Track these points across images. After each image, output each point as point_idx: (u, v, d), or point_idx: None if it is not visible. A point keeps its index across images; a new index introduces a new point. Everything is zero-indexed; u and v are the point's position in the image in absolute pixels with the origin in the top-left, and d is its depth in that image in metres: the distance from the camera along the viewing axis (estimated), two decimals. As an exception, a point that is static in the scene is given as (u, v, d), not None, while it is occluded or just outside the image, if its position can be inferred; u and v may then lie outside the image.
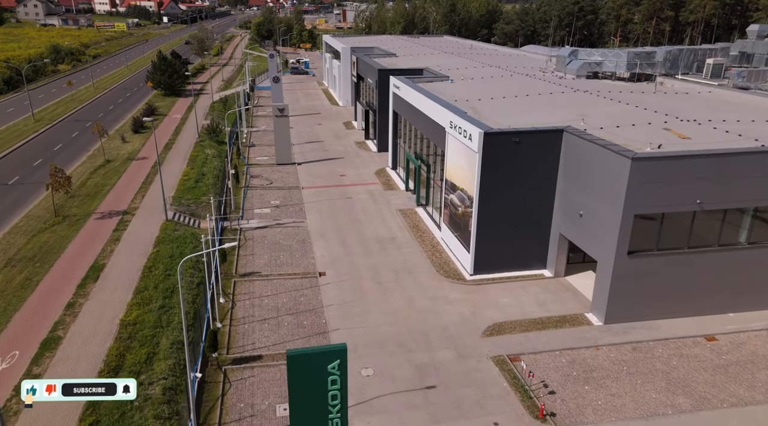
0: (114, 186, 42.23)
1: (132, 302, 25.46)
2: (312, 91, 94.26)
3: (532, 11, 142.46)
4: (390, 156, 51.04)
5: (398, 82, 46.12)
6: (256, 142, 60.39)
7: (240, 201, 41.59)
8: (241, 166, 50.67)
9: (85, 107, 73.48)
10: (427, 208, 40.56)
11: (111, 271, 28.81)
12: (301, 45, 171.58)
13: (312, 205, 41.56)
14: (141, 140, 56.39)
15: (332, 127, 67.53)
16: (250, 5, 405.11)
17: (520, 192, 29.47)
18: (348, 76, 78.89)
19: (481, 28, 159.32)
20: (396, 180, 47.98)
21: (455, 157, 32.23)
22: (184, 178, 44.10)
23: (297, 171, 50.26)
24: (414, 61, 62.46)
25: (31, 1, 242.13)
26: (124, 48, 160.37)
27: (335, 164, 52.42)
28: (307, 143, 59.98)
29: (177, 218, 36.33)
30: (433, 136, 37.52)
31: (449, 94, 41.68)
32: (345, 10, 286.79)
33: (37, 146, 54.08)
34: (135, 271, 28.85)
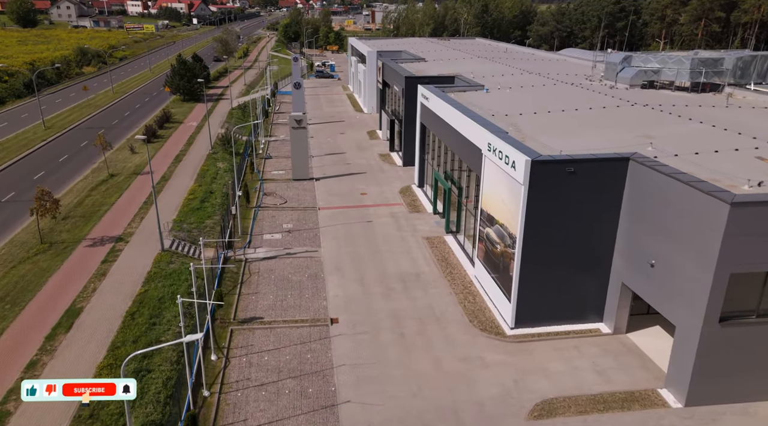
0: (113, 206, 38.52)
1: (103, 364, 21.28)
2: (336, 96, 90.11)
3: (568, 12, 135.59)
4: (416, 172, 46.22)
5: (427, 92, 41.29)
6: (274, 153, 56.31)
7: (249, 224, 37.38)
8: (254, 182, 46.54)
9: (101, 113, 70.75)
10: (457, 237, 35.62)
11: (88, 317, 24.78)
12: (327, 47, 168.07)
13: (328, 230, 37.06)
14: (151, 151, 52.85)
15: (355, 137, 63.07)
16: (280, 6, 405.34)
17: (573, 231, 24.34)
18: (373, 81, 74.38)
19: (513, 30, 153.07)
20: (422, 200, 43.13)
21: (494, 185, 27.25)
22: (190, 197, 40.13)
23: (314, 188, 45.89)
24: (444, 67, 57.50)
25: (64, 3, 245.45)
26: (150, 50, 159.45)
27: (356, 180, 47.87)
28: (328, 155, 55.61)
29: (175, 247, 32.25)
30: (466, 156, 32.57)
31: (485, 106, 36.67)
32: (374, 11, 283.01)
33: (42, 157, 51.07)
34: (116, 317, 24.75)
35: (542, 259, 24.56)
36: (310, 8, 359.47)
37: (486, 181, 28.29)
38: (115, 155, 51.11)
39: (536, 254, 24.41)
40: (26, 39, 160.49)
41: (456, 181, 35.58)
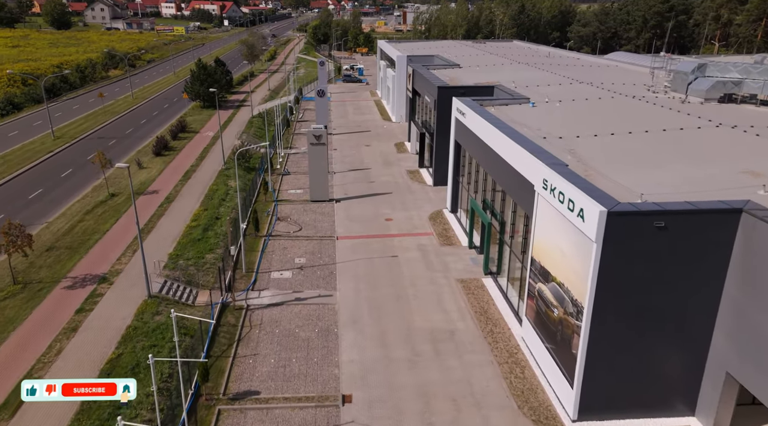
0: (105, 234, 34.23)
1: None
2: (363, 102, 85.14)
3: (612, 12, 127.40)
4: (449, 195, 40.71)
5: (463, 107, 35.77)
6: (293, 167, 51.55)
7: (256, 258, 32.52)
8: (268, 203, 41.77)
9: (116, 121, 67.42)
10: (499, 280, 30.00)
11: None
12: (356, 49, 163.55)
13: (346, 267, 31.92)
14: (160, 165, 48.79)
15: (382, 150, 57.88)
16: (311, 7, 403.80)
17: (660, 301, 18.55)
18: (403, 88, 69.04)
19: (552, 31, 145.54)
20: (456, 229, 37.60)
21: (550, 232, 21.63)
22: (192, 224, 35.56)
23: (334, 211, 40.86)
24: (481, 75, 51.78)
25: (98, 5, 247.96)
26: (178, 52, 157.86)
27: (381, 202, 42.66)
28: (351, 171, 50.55)
29: (166, 290, 27.58)
30: (512, 188, 26.96)
31: (532, 124, 30.98)
32: (405, 11, 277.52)
33: (44, 171, 47.48)
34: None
35: (618, 337, 18.84)
36: (342, 9, 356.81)
37: (539, 225, 22.66)
38: (120, 170, 47.10)
39: (610, 330, 18.71)
40: (57, 41, 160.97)
41: (497, 214, 29.97)
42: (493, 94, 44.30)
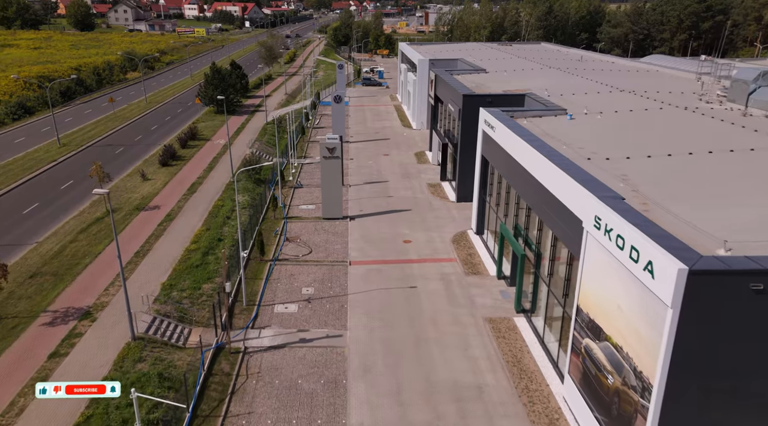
0: (97, 257, 31.25)
1: None
2: (383, 107, 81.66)
3: (645, 12, 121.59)
4: (474, 214, 36.93)
5: (492, 119, 31.98)
6: (307, 179, 48.27)
7: (259, 288, 29.21)
8: (277, 221, 38.50)
9: (126, 127, 65.04)
10: (533, 321, 26.17)
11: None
12: (377, 51, 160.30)
13: (359, 300, 28.40)
14: (165, 177, 45.92)
15: (401, 160, 54.29)
16: (333, 8, 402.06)
17: (756, 386, 14.62)
18: (424, 94, 65.40)
19: (580, 32, 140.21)
20: (482, 255, 33.80)
21: (604, 281, 17.79)
22: (191, 248, 32.40)
23: (347, 230, 37.41)
24: (510, 81, 47.85)
25: (122, 7, 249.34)
26: (198, 54, 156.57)
27: (399, 220, 39.08)
28: (367, 184, 47.07)
29: (154, 329, 24.38)
30: (552, 219, 23.12)
31: (572, 140, 27.10)
32: (428, 12, 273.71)
33: (43, 183, 44.97)
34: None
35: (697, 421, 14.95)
36: (363, 10, 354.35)
37: (589, 270, 18.83)
38: (123, 182, 44.36)
39: (688, 417, 14.82)
40: (79, 43, 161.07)
41: (532, 245, 26.13)
42: (524, 104, 40.45)
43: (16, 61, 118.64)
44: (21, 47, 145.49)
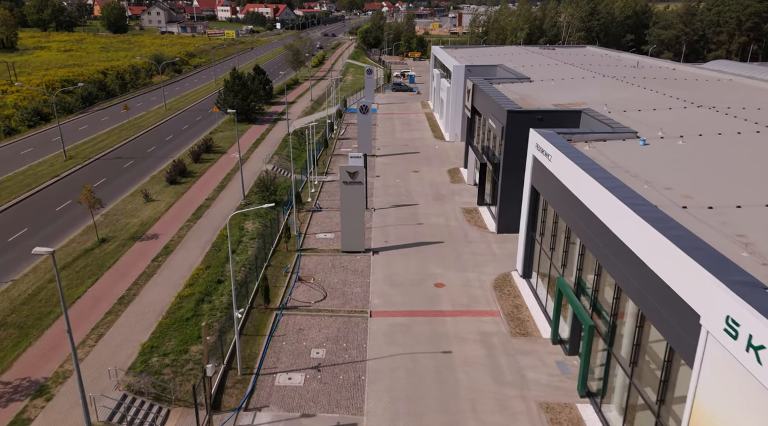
0: (74, 303, 26.74)
1: None
2: (413, 115, 76.16)
3: (699, 12, 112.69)
4: (520, 254, 31.14)
5: (546, 144, 26.21)
6: (327, 201, 43.24)
7: (259, 348, 24.16)
8: (289, 255, 33.47)
9: (140, 137, 61.30)
10: (604, 411, 20.31)
11: None
12: (408, 54, 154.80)
13: (379, 370, 23.04)
14: (171, 197, 41.50)
15: (432, 178, 48.74)
16: (365, 9, 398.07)
17: None
18: (459, 104, 59.68)
19: (625, 33, 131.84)
20: (531, 307, 28.01)
21: (737, 404, 11.96)
22: (184, 293, 27.61)
23: (369, 268, 32.12)
24: (559, 92, 41.81)
25: (155, 9, 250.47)
26: (226, 57, 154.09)
27: (430, 255, 33.59)
28: (394, 208, 41.72)
29: (121, 415, 19.47)
30: (641, 296, 17.24)
31: (653, 177, 21.21)
32: (461, 13, 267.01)
33: (38, 203, 41.05)
34: None
35: None
36: (395, 11, 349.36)
37: (708, 384, 13.01)
38: (124, 204, 40.10)
39: None
40: (110, 45, 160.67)
41: (606, 317, 20.28)
42: (579, 123, 34.49)
43: (44, 64, 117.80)
44: (52, 49, 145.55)
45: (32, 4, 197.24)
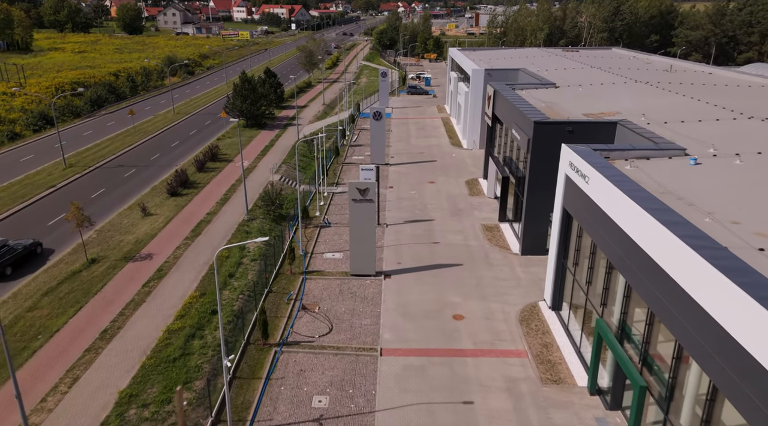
0: (51, 338, 24.13)
1: None
2: (429, 120, 73.03)
3: (729, 12, 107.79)
4: (549, 283, 27.87)
5: (582, 164, 22.98)
6: (335, 216, 40.36)
7: (254, 394, 21.28)
8: (293, 278, 30.59)
9: (144, 143, 59.02)
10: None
11: None
12: (424, 55, 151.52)
13: (390, 424, 20.02)
14: (170, 211, 38.93)
15: (450, 190, 45.61)
16: (381, 10, 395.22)
17: None
18: (478, 109, 56.46)
19: (649, 34, 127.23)
20: (562, 345, 24.76)
21: None
22: (174, 326, 24.83)
23: (381, 294, 29.14)
24: (588, 100, 38.45)
25: (170, 10, 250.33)
26: (239, 58, 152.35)
27: (448, 281, 30.51)
28: (408, 224, 38.71)
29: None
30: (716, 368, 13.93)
31: (713, 207, 17.88)
32: (478, 13, 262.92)
33: (28, 217, 38.57)
34: None
35: None
36: (411, 11, 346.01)
37: None
38: (120, 219, 37.61)
39: None
40: (124, 46, 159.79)
41: (662, 377, 17.03)
42: (614, 134, 31.14)
43: (57, 66, 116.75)
44: (66, 51, 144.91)
45: (49, 5, 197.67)
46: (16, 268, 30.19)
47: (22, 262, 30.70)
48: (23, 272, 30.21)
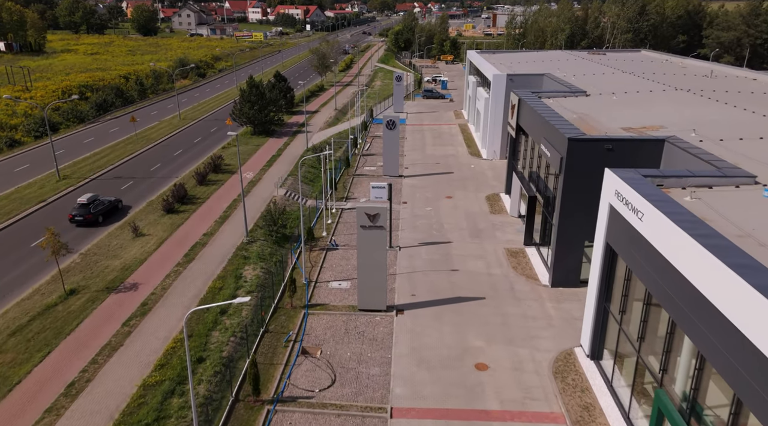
0: (13, 392, 20.91)
1: None
2: (446, 127, 69.28)
3: (765, 12, 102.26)
4: (588, 327, 24.00)
5: (633, 195, 19.13)
6: (344, 236, 36.85)
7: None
8: (292, 315, 27.14)
9: (146, 152, 56.12)
10: None
11: None
12: (441, 57, 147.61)
13: None
14: (164, 231, 35.76)
15: (469, 207, 41.89)
16: (397, 10, 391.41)
17: None
18: (499, 117, 52.63)
19: (676, 34, 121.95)
20: (607, 409, 20.92)
21: None
22: (150, 380, 21.44)
23: (392, 335, 25.58)
24: (625, 109, 34.47)
25: (185, 11, 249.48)
26: (252, 60, 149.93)
27: (469, 319, 26.84)
28: (424, 246, 35.10)
29: None
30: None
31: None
32: (495, 13, 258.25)
33: (11, 237, 35.22)
34: None
35: None
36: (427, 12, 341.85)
37: None
38: (108, 239, 34.50)
39: None
40: (137, 48, 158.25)
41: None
42: (662, 154, 27.18)
43: (68, 68, 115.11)
44: (78, 53, 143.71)
45: (64, 7, 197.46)
46: (106, 218, 38.44)
47: (109, 214, 38.89)
48: (109, 221, 38.18)
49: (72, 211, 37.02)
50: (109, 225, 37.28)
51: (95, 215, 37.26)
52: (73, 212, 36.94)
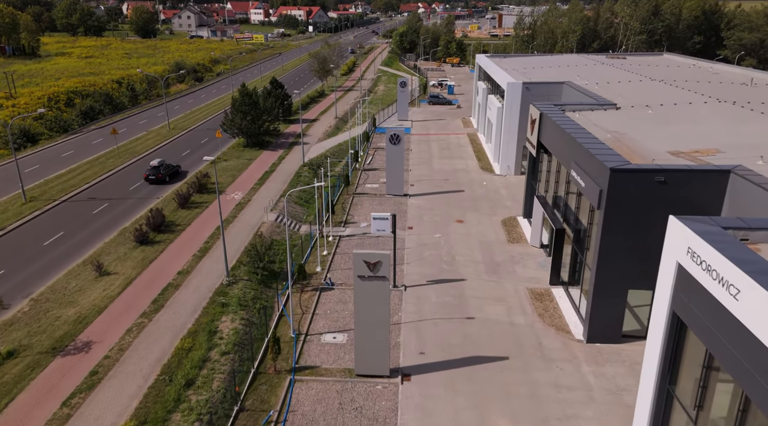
0: None
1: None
2: (454, 137, 64.35)
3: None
4: (646, 414, 19.05)
5: (717, 259, 14.10)
6: (340, 273, 31.96)
7: None
8: (278, 378, 22.31)
9: (126, 169, 51.31)
10: None
11: None
12: (446, 59, 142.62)
13: None
14: (133, 269, 30.95)
15: (483, 233, 37.02)
16: (401, 11, 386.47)
17: None
18: (513, 128, 47.72)
19: (692, 35, 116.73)
20: None
21: None
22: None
23: (396, 413, 20.74)
24: (666, 126, 29.54)
25: (185, 13, 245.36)
26: (251, 63, 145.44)
27: (489, 391, 21.96)
28: (433, 285, 30.26)
29: None
30: None
31: None
32: (501, 14, 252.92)
33: (-36, 273, 31.11)
34: None
35: None
36: (432, 12, 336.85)
37: None
38: (66, 280, 29.68)
39: None
40: (134, 51, 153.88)
41: None
42: (726, 188, 22.20)
43: (59, 72, 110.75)
44: (72, 56, 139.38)
45: (61, 9, 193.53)
46: (172, 178, 47.62)
47: (174, 175, 48.21)
48: (173, 181, 47.32)
49: (146, 171, 46.17)
50: (174, 183, 46.38)
51: (164, 175, 46.23)
52: (147, 172, 46.03)
